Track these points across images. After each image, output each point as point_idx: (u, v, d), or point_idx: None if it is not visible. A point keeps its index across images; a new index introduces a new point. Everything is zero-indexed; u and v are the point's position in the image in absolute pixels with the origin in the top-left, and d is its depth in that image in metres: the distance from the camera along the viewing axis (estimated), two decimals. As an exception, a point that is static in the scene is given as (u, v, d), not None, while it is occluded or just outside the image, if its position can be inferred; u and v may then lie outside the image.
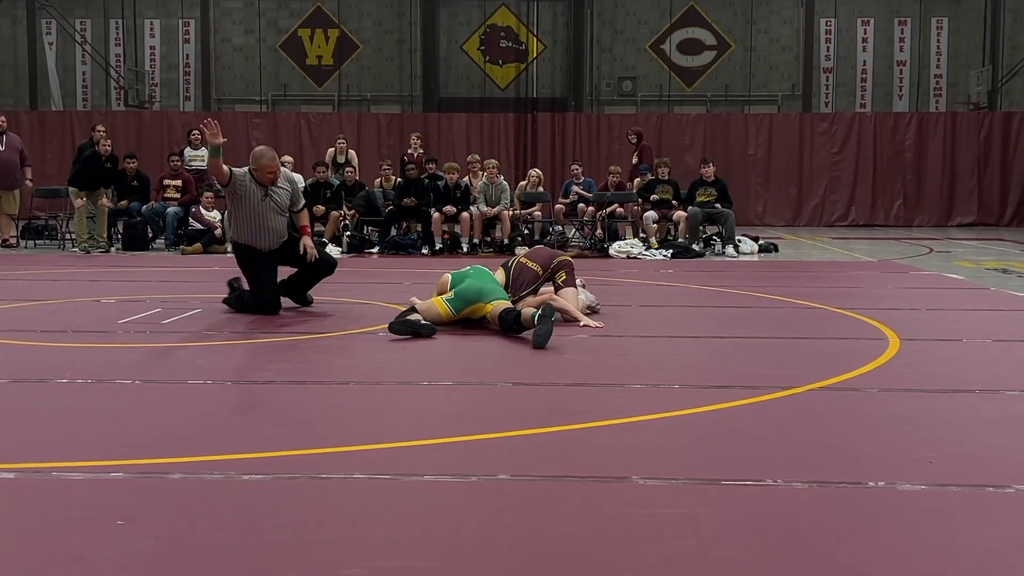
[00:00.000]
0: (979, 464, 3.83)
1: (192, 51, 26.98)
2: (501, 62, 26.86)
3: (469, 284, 7.03)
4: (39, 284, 10.39)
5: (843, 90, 26.47)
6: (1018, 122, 23.27)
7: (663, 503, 3.34)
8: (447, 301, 6.92)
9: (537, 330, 6.30)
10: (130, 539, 3.00)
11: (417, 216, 14.91)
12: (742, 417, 4.61)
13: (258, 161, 7.95)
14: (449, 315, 6.87)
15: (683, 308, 8.80)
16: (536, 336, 6.29)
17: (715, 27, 26.52)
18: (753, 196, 23.29)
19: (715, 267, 12.66)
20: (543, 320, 6.35)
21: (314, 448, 3.98)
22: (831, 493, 3.46)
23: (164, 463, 3.76)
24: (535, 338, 6.29)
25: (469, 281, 7.07)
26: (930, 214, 23.21)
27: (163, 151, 20.60)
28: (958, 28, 26.13)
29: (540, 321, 6.35)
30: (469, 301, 6.91)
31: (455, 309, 6.90)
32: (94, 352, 6.28)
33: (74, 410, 4.70)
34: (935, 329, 7.31)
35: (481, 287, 7.01)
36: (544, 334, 6.27)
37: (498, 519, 3.19)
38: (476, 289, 6.98)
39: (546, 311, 6.42)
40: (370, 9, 26.87)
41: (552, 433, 4.25)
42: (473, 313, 6.95)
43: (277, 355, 6.24)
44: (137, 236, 15.15)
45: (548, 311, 6.43)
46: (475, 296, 6.93)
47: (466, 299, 6.91)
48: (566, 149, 23.69)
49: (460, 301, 6.91)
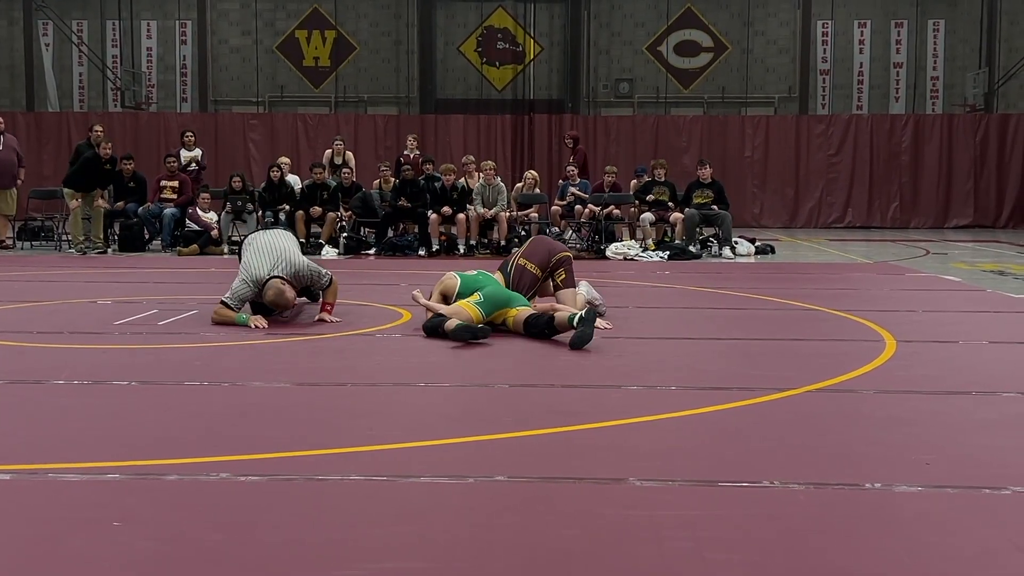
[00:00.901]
0: (976, 466, 3.83)
1: (189, 52, 26.96)
2: (498, 64, 26.86)
3: (496, 288, 7.04)
4: (35, 285, 10.38)
5: (840, 92, 26.49)
6: (1014, 124, 23.29)
7: (660, 505, 3.34)
8: (477, 304, 6.89)
9: (579, 331, 6.30)
10: (126, 540, 2.99)
11: (414, 217, 14.91)
12: (739, 419, 4.61)
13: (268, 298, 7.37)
14: (480, 318, 6.84)
15: (680, 310, 8.80)
16: (576, 337, 6.29)
17: (712, 29, 26.53)
18: (750, 198, 23.29)
19: (712, 269, 12.67)
20: (585, 324, 6.34)
21: (311, 450, 3.98)
22: (828, 495, 3.46)
23: (161, 464, 3.75)
24: (575, 338, 6.29)
25: (493, 286, 7.07)
26: (926, 216, 23.22)
27: (159, 152, 20.57)
28: (954, 30, 26.16)
29: (582, 324, 6.35)
30: (498, 305, 6.91)
31: (485, 312, 6.88)
32: (90, 353, 6.28)
33: (70, 411, 4.69)
34: (932, 331, 7.31)
35: (508, 292, 7.05)
36: (585, 336, 6.28)
37: (495, 521, 3.19)
38: (506, 294, 7.01)
39: (588, 315, 6.43)
40: (367, 11, 26.86)
41: (549, 434, 4.25)
42: (497, 318, 6.94)
43: (274, 356, 6.24)
44: (133, 237, 15.14)
45: (591, 315, 6.44)
46: (504, 301, 6.95)
47: (496, 303, 6.91)
48: (563, 151, 23.66)
49: (490, 304, 6.89)
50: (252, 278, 7.32)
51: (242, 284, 7.35)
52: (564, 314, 6.59)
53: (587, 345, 6.28)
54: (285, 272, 7.37)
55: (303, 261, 7.57)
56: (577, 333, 6.30)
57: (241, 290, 7.35)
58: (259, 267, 7.35)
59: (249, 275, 7.34)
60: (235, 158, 23.19)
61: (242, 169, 19.94)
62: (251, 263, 7.42)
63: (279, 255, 7.44)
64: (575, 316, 6.45)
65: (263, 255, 7.43)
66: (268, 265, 7.36)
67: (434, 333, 6.68)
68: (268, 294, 7.28)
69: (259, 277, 7.31)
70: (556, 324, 6.59)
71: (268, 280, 7.29)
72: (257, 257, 7.42)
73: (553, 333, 6.63)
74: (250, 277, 7.33)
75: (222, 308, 7.30)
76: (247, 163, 23.00)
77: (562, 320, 6.55)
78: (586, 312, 6.46)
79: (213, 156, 21.99)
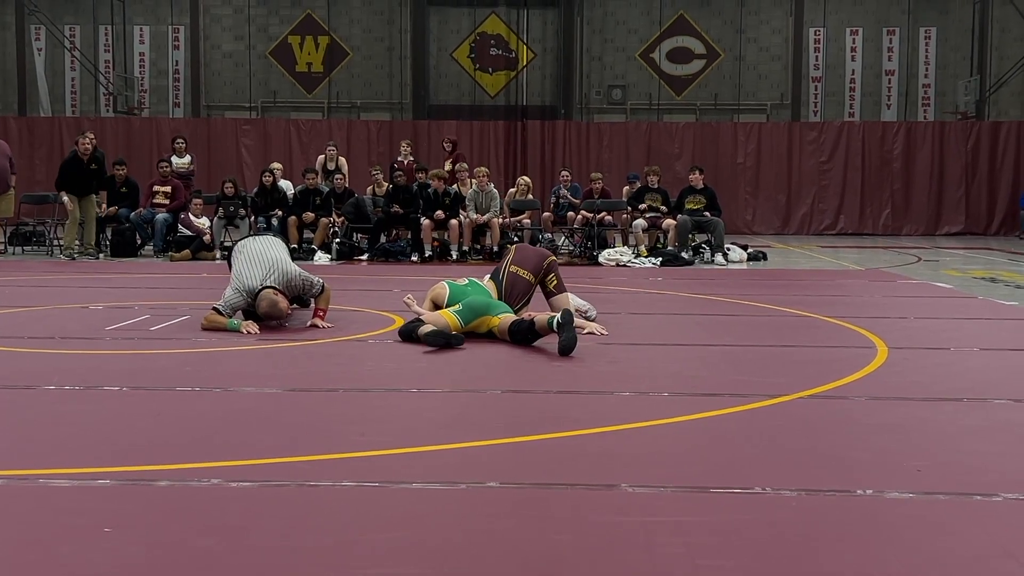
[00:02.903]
0: (967, 472, 3.84)
1: (182, 57, 26.93)
2: (491, 70, 26.88)
3: (477, 297, 7.04)
4: (27, 290, 10.35)
5: (832, 99, 26.55)
6: (1005, 132, 23.38)
7: (652, 511, 3.34)
8: (456, 313, 6.91)
9: (563, 338, 6.32)
10: (117, 546, 2.99)
11: (406, 223, 14.91)
12: (731, 425, 4.61)
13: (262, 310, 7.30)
14: (458, 326, 6.85)
15: (672, 316, 8.81)
16: (562, 344, 6.30)
17: (704, 36, 26.59)
18: (742, 204, 23.34)
19: (704, 275, 12.68)
20: (564, 327, 6.36)
21: (302, 455, 3.97)
22: (820, 501, 3.47)
23: (152, 470, 3.74)
24: (562, 345, 6.30)
25: (475, 295, 7.07)
26: (918, 223, 23.28)
27: (152, 157, 20.55)
28: (946, 38, 26.25)
29: (561, 328, 6.37)
30: (478, 313, 6.91)
31: (464, 320, 6.89)
32: (82, 359, 6.26)
33: (61, 417, 4.68)
34: (923, 338, 7.33)
35: (488, 301, 7.05)
36: (570, 341, 6.30)
37: (487, 527, 3.19)
38: (484, 302, 7.00)
39: (565, 317, 6.43)
40: (360, 16, 26.87)
41: (541, 441, 4.25)
42: (479, 327, 6.93)
43: (265, 362, 6.23)
44: (125, 243, 15.11)
45: (567, 317, 6.45)
46: (483, 309, 6.95)
47: (475, 311, 6.91)
48: (556, 157, 23.71)
49: (469, 312, 6.90)
50: (244, 288, 7.31)
51: (235, 294, 7.33)
52: (544, 318, 6.64)
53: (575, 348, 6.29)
54: (277, 282, 7.35)
55: (295, 270, 7.56)
56: (562, 342, 6.31)
57: (234, 299, 7.33)
58: (251, 277, 7.33)
59: (242, 285, 7.33)
60: (227, 163, 23.17)
61: (234, 174, 19.93)
62: (243, 272, 7.39)
63: (271, 264, 7.42)
64: (553, 319, 6.49)
65: (254, 265, 7.41)
66: (260, 275, 7.34)
67: (408, 337, 6.72)
68: (261, 306, 7.26)
69: (251, 287, 7.29)
70: (538, 329, 6.63)
71: (261, 291, 7.27)
72: (248, 267, 7.40)
73: (536, 338, 6.66)
74: (243, 287, 7.31)
75: (213, 315, 7.29)
76: (240, 168, 22.99)
77: (542, 324, 6.59)
78: (562, 315, 6.47)
79: (206, 161, 21.97)
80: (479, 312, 6.92)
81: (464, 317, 6.89)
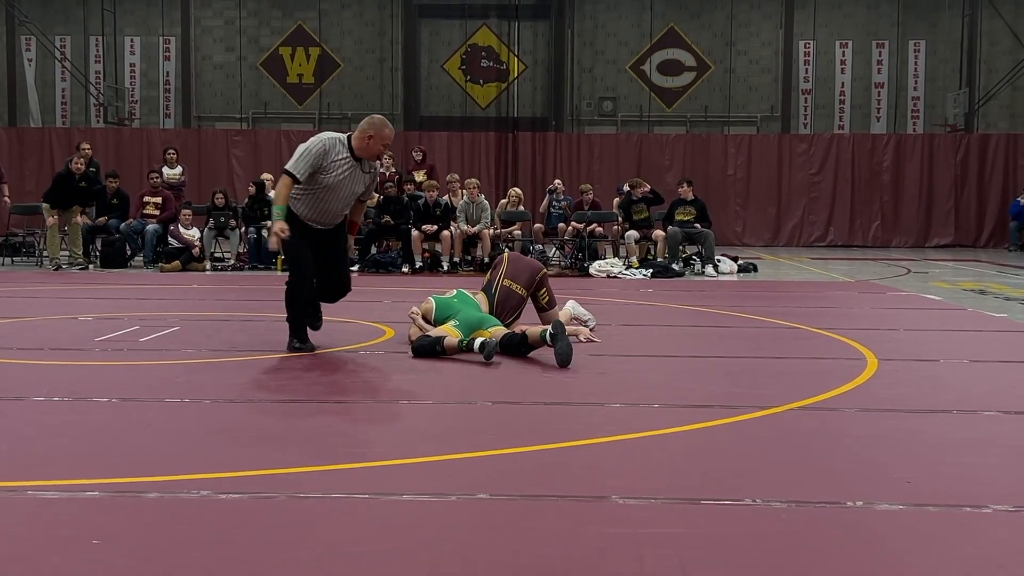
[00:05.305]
0: (956, 484, 3.84)
1: (172, 68, 26.93)
2: (482, 81, 26.93)
3: (468, 313, 7.05)
4: (16, 301, 10.32)
5: (822, 111, 26.66)
6: (994, 144, 23.50)
7: (642, 522, 3.34)
8: (456, 328, 6.93)
9: (559, 349, 6.34)
10: (106, 558, 2.97)
11: (397, 234, 14.91)
12: (721, 437, 4.61)
13: (380, 130, 6.79)
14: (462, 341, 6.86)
15: (662, 327, 8.82)
16: (559, 356, 6.33)
17: (695, 48, 26.68)
18: (732, 216, 23.40)
19: (694, 287, 12.70)
20: (557, 338, 6.40)
21: (292, 467, 3.96)
22: (810, 513, 3.47)
23: (141, 482, 3.73)
24: (559, 357, 6.32)
25: (467, 310, 7.09)
26: (907, 235, 23.38)
27: (142, 168, 20.54)
28: (935, 51, 26.39)
29: (554, 340, 6.41)
30: (472, 328, 6.94)
31: (464, 335, 6.90)
32: (71, 370, 6.24)
33: (50, 428, 4.66)
34: (912, 349, 7.35)
35: (480, 315, 7.07)
36: (566, 351, 6.33)
37: (477, 538, 3.18)
38: (477, 318, 7.04)
39: (557, 328, 6.46)
40: (351, 28, 26.91)
41: (531, 452, 4.25)
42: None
43: (256, 373, 6.21)
44: (115, 253, 15.10)
45: (559, 327, 6.47)
46: (477, 323, 6.98)
47: (470, 326, 6.94)
48: (547, 169, 23.76)
49: (465, 327, 6.92)
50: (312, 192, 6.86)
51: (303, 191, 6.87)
52: (536, 330, 6.70)
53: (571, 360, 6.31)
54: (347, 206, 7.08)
55: None
56: (559, 353, 6.32)
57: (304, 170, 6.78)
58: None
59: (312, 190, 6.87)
60: (218, 174, 23.16)
61: (225, 185, 19.92)
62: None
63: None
64: (545, 332, 6.54)
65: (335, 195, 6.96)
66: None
67: (430, 353, 6.67)
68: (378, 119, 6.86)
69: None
70: (530, 341, 6.68)
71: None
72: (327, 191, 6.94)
73: (528, 350, 6.71)
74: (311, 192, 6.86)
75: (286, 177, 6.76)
76: (230, 179, 22.98)
77: (535, 336, 6.65)
78: (553, 327, 6.50)
79: (196, 172, 21.96)
80: (473, 327, 6.95)
81: (464, 333, 6.90)
